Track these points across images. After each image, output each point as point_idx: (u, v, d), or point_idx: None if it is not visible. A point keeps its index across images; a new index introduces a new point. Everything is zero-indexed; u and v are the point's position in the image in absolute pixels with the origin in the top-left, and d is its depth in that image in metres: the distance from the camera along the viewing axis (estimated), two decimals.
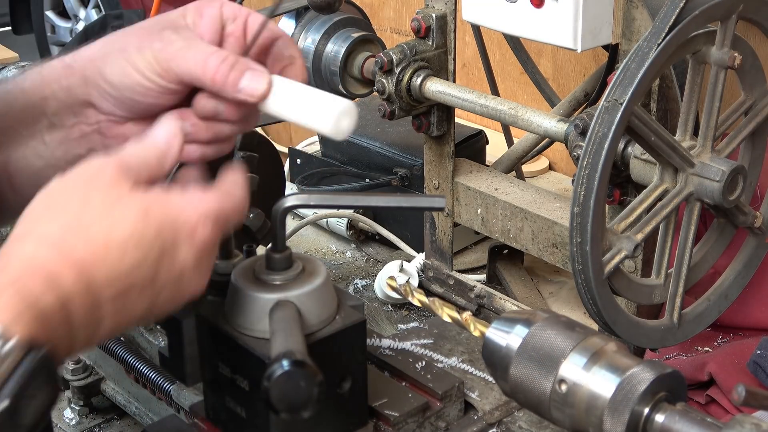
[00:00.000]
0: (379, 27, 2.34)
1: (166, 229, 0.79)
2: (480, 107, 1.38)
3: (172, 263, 0.80)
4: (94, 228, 0.76)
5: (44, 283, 0.73)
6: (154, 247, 0.78)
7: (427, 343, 1.28)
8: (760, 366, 1.25)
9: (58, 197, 0.79)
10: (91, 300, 0.75)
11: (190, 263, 0.81)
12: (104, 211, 0.77)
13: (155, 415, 1.37)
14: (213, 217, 0.81)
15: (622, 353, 0.85)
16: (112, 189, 0.79)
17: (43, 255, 0.74)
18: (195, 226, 0.80)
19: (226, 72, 0.86)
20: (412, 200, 1.10)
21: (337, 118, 0.87)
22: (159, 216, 0.79)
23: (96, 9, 4.48)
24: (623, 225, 1.15)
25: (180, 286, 0.81)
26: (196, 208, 0.81)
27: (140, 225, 0.78)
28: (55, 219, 0.77)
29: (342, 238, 1.83)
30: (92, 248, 0.76)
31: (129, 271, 0.77)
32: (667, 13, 1.09)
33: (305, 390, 0.82)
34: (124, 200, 0.79)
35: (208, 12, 0.91)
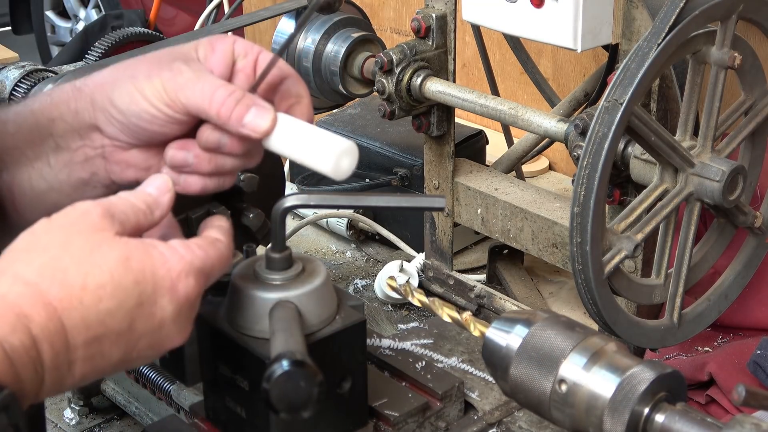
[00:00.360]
0: (379, 27, 2.34)
1: (146, 280, 0.78)
2: (480, 107, 1.38)
3: (151, 315, 0.79)
4: (72, 271, 0.76)
5: (14, 323, 0.72)
6: (131, 296, 0.78)
7: (427, 343, 1.28)
8: (760, 366, 1.25)
9: (40, 237, 0.78)
10: (61, 343, 0.74)
11: (170, 316, 0.80)
12: (83, 255, 0.77)
13: (155, 415, 1.37)
14: (195, 272, 0.81)
15: (622, 353, 0.85)
16: (94, 233, 0.79)
17: (15, 293, 0.74)
18: (176, 280, 0.80)
19: (232, 106, 0.87)
20: (412, 200, 1.10)
21: (338, 158, 0.88)
22: (139, 265, 0.78)
23: (96, 9, 4.48)
24: (623, 225, 1.15)
25: (159, 338, 0.81)
26: (178, 261, 0.81)
27: (119, 272, 0.77)
28: (33, 259, 0.76)
29: (342, 238, 1.83)
30: (67, 291, 0.75)
31: (103, 319, 0.76)
32: (667, 13, 1.09)
33: (305, 390, 0.82)
34: (105, 246, 0.78)
35: (219, 47, 0.92)
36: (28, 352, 0.72)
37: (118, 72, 0.91)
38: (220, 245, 0.86)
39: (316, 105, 1.70)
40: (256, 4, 2.68)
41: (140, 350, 0.80)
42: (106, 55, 1.58)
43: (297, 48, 1.61)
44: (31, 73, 1.52)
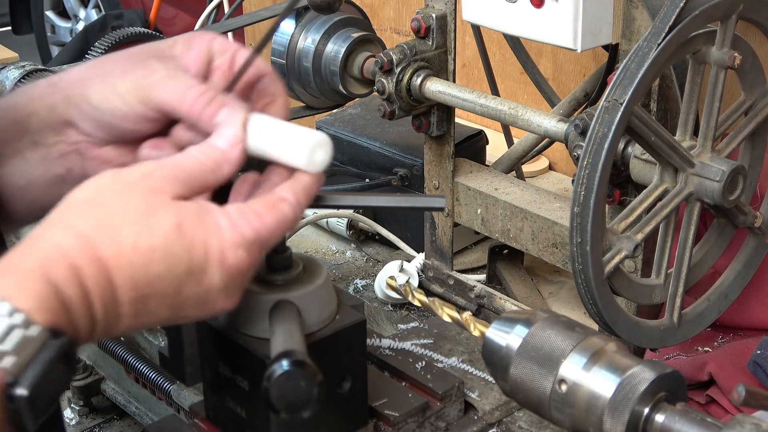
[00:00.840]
0: (379, 27, 2.34)
1: (197, 249, 0.79)
2: (480, 107, 1.38)
3: (199, 282, 0.80)
4: (125, 231, 0.77)
5: (67, 274, 0.74)
6: (181, 263, 0.79)
7: (427, 343, 1.28)
8: (760, 366, 1.25)
9: (101, 192, 0.80)
10: (110, 298, 0.76)
11: (218, 284, 0.81)
12: (138, 216, 0.78)
13: (155, 415, 1.37)
14: (247, 244, 0.81)
15: (622, 353, 0.85)
16: (152, 195, 0.79)
17: (69, 245, 0.75)
18: (227, 251, 0.80)
19: (203, 105, 0.87)
20: (412, 200, 1.10)
21: (311, 151, 0.87)
22: (191, 232, 0.79)
23: (96, 9, 4.48)
24: (623, 225, 1.15)
25: (205, 303, 0.82)
26: (231, 232, 0.81)
27: (171, 237, 0.78)
28: (90, 213, 0.78)
29: (342, 238, 1.83)
30: (117, 249, 0.76)
31: (151, 281, 0.77)
32: (667, 13, 1.09)
33: (305, 390, 0.82)
34: (160, 208, 0.79)
35: (196, 44, 0.92)
36: (81, 303, 0.74)
37: (92, 69, 0.91)
38: (284, 207, 0.84)
39: (316, 105, 1.70)
40: (256, 4, 2.68)
41: (187, 311, 0.81)
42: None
43: (297, 48, 1.61)
44: (31, 73, 1.52)
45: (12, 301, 0.70)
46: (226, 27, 1.90)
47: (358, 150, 1.82)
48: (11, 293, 0.71)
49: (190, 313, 0.82)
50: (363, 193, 1.71)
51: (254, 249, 0.82)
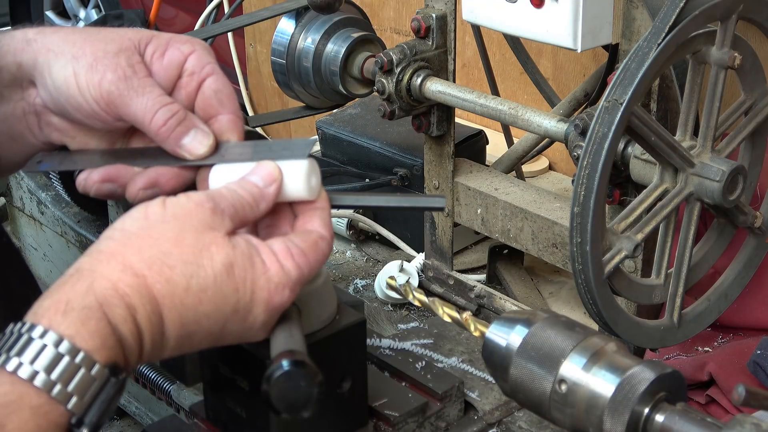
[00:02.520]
0: (379, 27, 2.34)
1: (245, 290, 0.81)
2: (480, 107, 1.38)
3: (244, 320, 0.82)
4: (178, 270, 0.78)
5: (124, 314, 0.75)
6: (229, 303, 0.80)
7: (427, 343, 1.28)
8: (760, 366, 1.25)
9: (153, 225, 0.80)
10: (159, 335, 0.78)
11: (260, 322, 0.83)
12: (192, 255, 0.79)
13: (155, 415, 1.37)
14: (292, 284, 0.83)
15: (622, 353, 0.86)
16: (204, 233, 0.80)
17: (125, 284, 0.76)
18: (273, 293, 0.82)
19: (173, 127, 0.87)
20: (412, 200, 1.10)
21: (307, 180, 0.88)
22: (241, 274, 0.80)
23: (96, 9, 4.48)
24: (623, 225, 1.15)
25: (244, 336, 0.84)
26: (278, 274, 0.82)
27: (221, 279, 0.79)
28: (144, 249, 0.78)
29: (342, 238, 1.83)
30: (171, 290, 0.77)
31: (199, 320, 0.79)
32: (667, 13, 1.09)
33: (305, 390, 0.82)
34: (212, 249, 0.80)
35: (170, 55, 0.91)
36: (134, 340, 0.76)
37: (66, 43, 0.90)
38: (323, 245, 0.86)
39: (316, 105, 1.70)
40: (256, 4, 2.68)
41: (225, 341, 0.83)
42: None
43: (297, 48, 1.61)
44: None
45: (73, 340, 0.71)
46: (226, 27, 1.90)
47: (358, 150, 1.81)
48: (72, 332, 0.72)
49: (227, 342, 0.84)
50: (363, 193, 1.71)
51: (297, 287, 0.84)
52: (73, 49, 0.89)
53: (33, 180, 1.59)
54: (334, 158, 1.87)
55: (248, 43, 2.89)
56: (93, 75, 0.87)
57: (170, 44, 0.91)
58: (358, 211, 1.79)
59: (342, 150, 1.85)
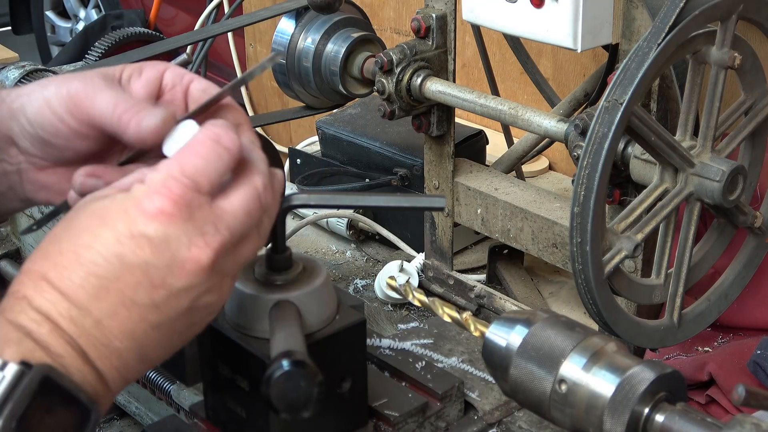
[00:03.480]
0: (379, 27, 2.34)
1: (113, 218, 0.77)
2: (480, 107, 1.38)
3: (137, 246, 0.76)
4: (52, 246, 0.77)
5: (19, 307, 0.74)
6: (103, 238, 0.76)
7: (427, 343, 1.28)
8: (760, 366, 1.25)
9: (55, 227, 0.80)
10: (67, 307, 0.74)
11: (156, 238, 0.77)
12: (63, 228, 0.78)
13: (155, 415, 1.37)
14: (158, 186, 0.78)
15: (622, 353, 0.86)
16: (80, 207, 0.80)
17: (17, 282, 0.76)
18: (140, 205, 0.77)
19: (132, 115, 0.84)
20: (412, 200, 1.10)
21: None
22: (107, 211, 0.78)
23: (96, 9, 4.48)
24: (623, 225, 1.15)
25: (166, 264, 0.77)
26: (139, 188, 0.78)
27: (89, 225, 0.77)
28: (39, 248, 0.78)
29: (342, 238, 1.83)
30: (49, 261, 0.76)
31: (89, 269, 0.75)
32: (667, 13, 1.09)
33: (305, 390, 0.83)
34: (81, 213, 0.79)
35: (147, 73, 0.90)
36: (42, 325, 0.74)
37: (37, 85, 0.90)
38: (199, 136, 0.81)
39: (316, 105, 1.70)
40: (256, 4, 2.68)
41: (161, 283, 0.77)
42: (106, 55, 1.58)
43: (297, 48, 1.61)
44: (31, 73, 1.52)
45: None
46: (226, 27, 1.90)
47: (358, 150, 1.82)
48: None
49: (165, 283, 0.77)
50: (363, 193, 1.71)
51: (170, 186, 0.77)
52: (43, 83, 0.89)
53: None
54: (334, 158, 1.87)
55: (248, 43, 2.89)
56: (61, 89, 0.87)
57: (144, 66, 0.91)
58: (358, 211, 1.79)
59: (342, 150, 1.85)
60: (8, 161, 0.92)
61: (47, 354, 0.72)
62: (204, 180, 0.78)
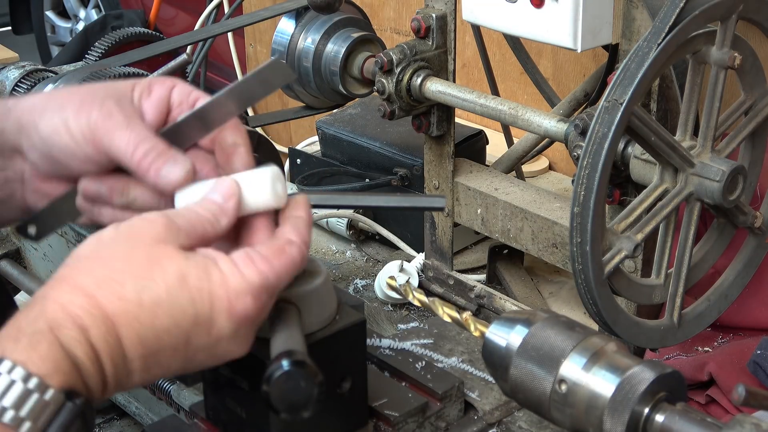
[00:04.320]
0: (379, 27, 2.34)
1: (203, 300, 0.79)
2: (480, 107, 1.38)
3: (208, 333, 0.80)
4: (129, 285, 0.76)
5: (77, 336, 0.74)
6: (188, 315, 0.78)
7: (427, 343, 1.28)
8: (760, 366, 1.25)
9: (104, 246, 0.79)
10: (119, 356, 0.76)
11: (227, 334, 0.81)
12: (142, 269, 0.78)
13: (155, 415, 1.37)
14: (255, 291, 0.81)
15: (622, 353, 0.85)
16: (154, 248, 0.79)
17: (76, 305, 0.75)
18: (234, 301, 0.80)
19: (152, 160, 0.86)
20: (412, 200, 1.10)
21: (272, 188, 0.87)
22: (197, 284, 0.78)
23: (96, 9, 4.48)
24: (623, 225, 1.15)
25: (216, 351, 0.82)
26: (238, 281, 0.80)
27: (174, 290, 0.78)
28: (94, 270, 0.77)
29: (342, 238, 1.83)
30: (124, 307, 0.76)
31: (159, 335, 0.77)
32: (667, 13, 1.09)
33: (305, 390, 0.82)
34: (164, 261, 0.78)
35: (156, 92, 0.91)
36: (93, 364, 0.74)
37: (49, 99, 0.90)
38: (292, 250, 0.84)
39: (316, 105, 1.70)
40: (256, 4, 2.68)
41: (198, 361, 0.81)
42: (106, 55, 1.58)
43: (297, 48, 1.61)
44: (31, 73, 1.52)
45: (26, 366, 0.70)
46: (226, 27, 1.90)
47: (358, 150, 1.82)
48: (24, 357, 0.70)
49: (201, 362, 0.82)
50: (363, 193, 1.71)
51: (262, 295, 0.82)
52: (57, 102, 0.89)
53: None
54: (334, 158, 1.87)
55: (248, 43, 2.89)
56: (81, 116, 0.87)
57: (152, 83, 0.92)
58: (358, 211, 1.79)
59: (342, 150, 1.85)
60: (12, 170, 0.92)
61: (86, 389, 0.74)
62: (282, 287, 0.84)
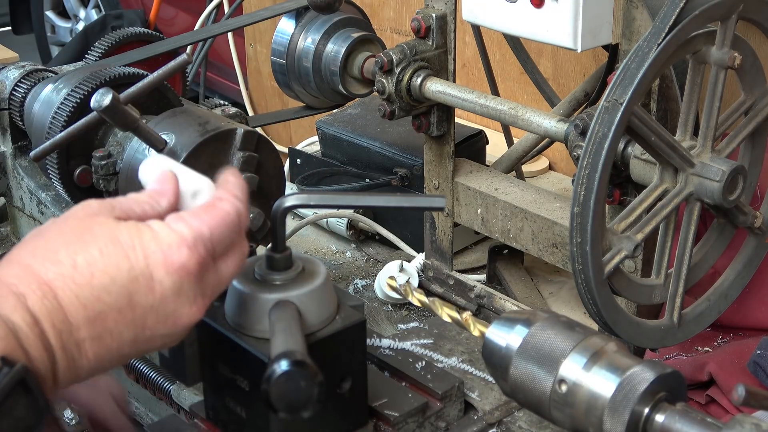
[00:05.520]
0: (379, 27, 2.34)
1: (136, 254, 0.79)
2: (480, 107, 1.38)
3: (150, 289, 0.80)
4: (62, 251, 0.78)
5: (13, 302, 0.74)
6: (123, 270, 0.78)
7: (427, 343, 1.28)
8: (760, 366, 1.25)
9: (42, 229, 0.81)
10: (61, 321, 0.76)
11: (170, 288, 0.80)
12: (74, 236, 0.79)
13: (155, 415, 1.37)
14: (189, 242, 0.81)
15: (622, 353, 0.86)
16: (86, 220, 0.81)
17: (11, 274, 0.76)
18: (168, 252, 0.80)
19: None
20: (412, 200, 1.10)
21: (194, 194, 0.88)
22: (128, 241, 0.80)
23: (96, 9, 4.48)
24: (623, 225, 1.15)
25: (167, 313, 0.81)
26: (168, 234, 0.81)
27: (108, 249, 0.78)
28: (30, 244, 0.79)
29: (342, 238, 1.83)
30: (59, 270, 0.77)
31: (98, 295, 0.77)
32: (667, 13, 1.09)
33: (305, 390, 0.83)
34: (95, 228, 0.80)
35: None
36: (31, 329, 0.74)
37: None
38: (223, 204, 0.85)
39: (316, 105, 1.70)
40: (256, 4, 2.68)
41: (152, 327, 0.81)
42: (106, 55, 1.58)
43: (297, 48, 1.61)
44: (31, 73, 1.52)
45: None
46: (226, 27, 1.90)
47: (358, 150, 1.82)
48: None
49: (156, 329, 0.81)
50: (363, 193, 1.71)
51: (197, 246, 0.82)
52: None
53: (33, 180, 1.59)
54: (334, 158, 1.87)
55: (248, 43, 2.89)
56: None
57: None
58: (358, 211, 1.79)
59: (342, 150, 1.85)
60: None
61: (26, 357, 0.73)
62: (220, 248, 0.84)
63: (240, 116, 1.41)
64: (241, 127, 1.27)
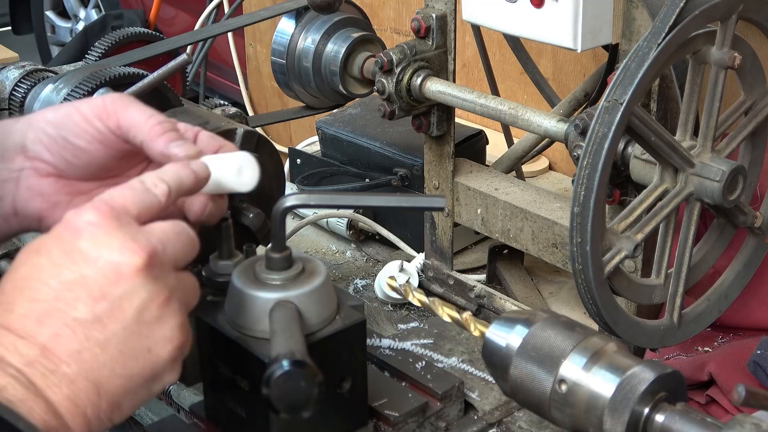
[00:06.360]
0: (379, 27, 2.34)
1: (52, 231, 0.79)
2: (480, 107, 1.38)
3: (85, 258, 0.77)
4: (6, 284, 0.77)
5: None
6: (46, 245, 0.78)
7: (427, 343, 1.28)
8: (760, 366, 1.25)
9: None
10: (13, 338, 0.74)
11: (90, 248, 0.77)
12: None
13: (155, 415, 1.37)
14: (93, 205, 0.79)
15: (622, 353, 0.86)
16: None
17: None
18: (72, 219, 0.78)
19: (162, 131, 0.90)
20: (412, 200, 1.10)
21: (238, 171, 0.92)
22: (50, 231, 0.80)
23: (96, 9, 4.48)
24: (623, 225, 1.15)
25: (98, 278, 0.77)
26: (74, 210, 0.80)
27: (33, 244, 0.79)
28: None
29: (342, 238, 1.83)
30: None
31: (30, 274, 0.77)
32: (667, 13, 1.09)
33: (305, 390, 0.83)
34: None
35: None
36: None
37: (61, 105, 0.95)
38: (134, 182, 0.84)
39: (316, 105, 1.70)
40: (256, 4, 2.68)
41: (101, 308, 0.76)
42: (106, 55, 1.58)
43: (297, 48, 1.61)
44: (31, 73, 1.52)
45: None
46: (226, 27, 1.90)
47: (358, 150, 1.82)
48: None
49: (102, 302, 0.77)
50: (363, 193, 1.71)
51: (101, 206, 0.79)
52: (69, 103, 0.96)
53: None
54: (334, 158, 1.87)
55: (248, 43, 2.89)
56: (93, 100, 0.93)
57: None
58: (358, 211, 1.79)
59: (342, 150, 1.85)
60: (8, 168, 0.94)
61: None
62: (132, 207, 0.81)
63: (240, 116, 1.41)
64: (241, 127, 1.27)
